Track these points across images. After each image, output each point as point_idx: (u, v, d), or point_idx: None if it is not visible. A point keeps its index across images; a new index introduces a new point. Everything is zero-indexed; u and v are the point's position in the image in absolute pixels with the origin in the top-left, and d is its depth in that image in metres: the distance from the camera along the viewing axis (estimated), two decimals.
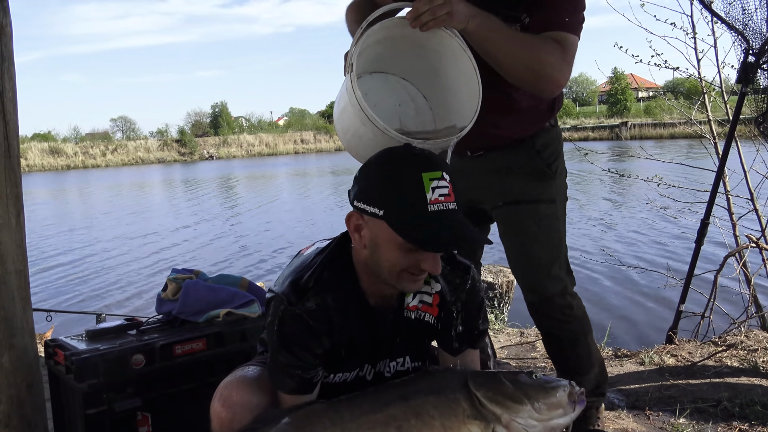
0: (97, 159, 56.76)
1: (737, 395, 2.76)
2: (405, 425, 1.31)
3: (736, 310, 4.33)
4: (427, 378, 1.48)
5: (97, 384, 1.95)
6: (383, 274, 1.42)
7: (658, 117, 43.97)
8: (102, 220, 16.91)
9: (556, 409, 1.38)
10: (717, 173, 3.73)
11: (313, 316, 1.43)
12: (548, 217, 2.20)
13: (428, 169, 1.35)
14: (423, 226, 1.32)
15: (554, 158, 2.21)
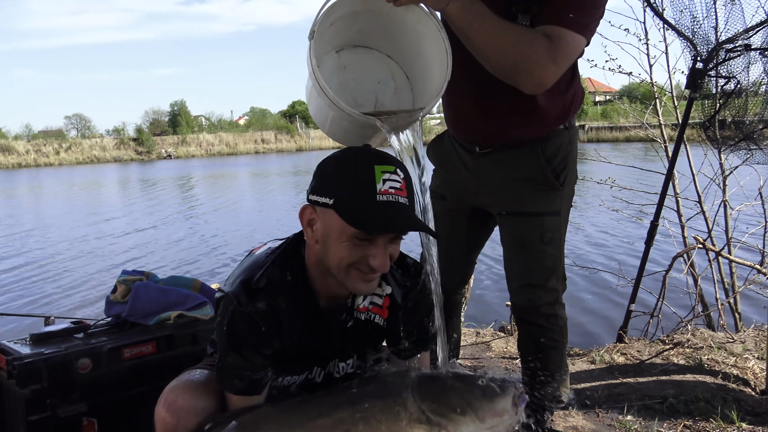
0: (51, 157, 55.26)
1: (683, 392, 2.84)
2: (352, 429, 1.31)
3: (684, 310, 4.45)
4: (374, 382, 1.48)
5: (40, 389, 1.90)
6: (333, 269, 1.41)
7: (614, 120, 45.00)
8: (54, 220, 16.44)
9: (500, 416, 1.39)
10: (666, 176, 3.83)
11: (263, 316, 1.42)
12: (552, 230, 2.19)
13: (381, 162, 1.36)
14: (369, 212, 1.32)
15: (563, 167, 2.16)
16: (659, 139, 5.07)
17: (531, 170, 2.15)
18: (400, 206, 1.35)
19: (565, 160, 2.17)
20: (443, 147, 2.39)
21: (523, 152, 2.15)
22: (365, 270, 1.39)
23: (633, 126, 6.04)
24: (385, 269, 1.40)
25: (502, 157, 2.19)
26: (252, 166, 40.60)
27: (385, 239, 1.38)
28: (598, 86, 58.34)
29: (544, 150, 2.14)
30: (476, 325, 4.62)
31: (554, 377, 2.34)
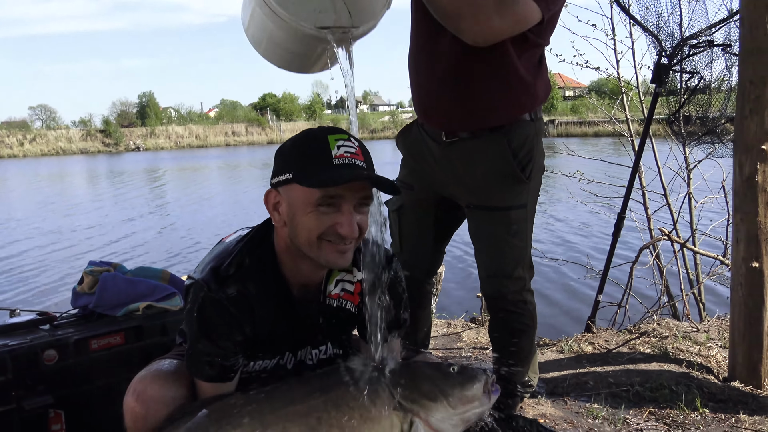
0: (14, 149, 54.04)
1: (648, 380, 2.90)
2: (325, 416, 1.31)
3: (650, 300, 4.55)
4: (347, 370, 1.49)
5: (4, 381, 1.86)
6: (304, 247, 1.41)
7: (583, 116, 45.53)
8: (19, 212, 16.08)
9: (471, 402, 1.42)
10: (632, 169, 3.90)
11: (233, 303, 1.42)
12: (518, 222, 2.23)
13: (334, 133, 1.39)
14: (328, 172, 1.34)
15: (529, 159, 2.19)
16: (626, 134, 5.16)
17: (497, 163, 2.18)
18: (358, 166, 1.37)
19: (530, 152, 2.20)
20: (411, 136, 2.40)
21: (489, 144, 2.18)
22: (335, 240, 1.39)
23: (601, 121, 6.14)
24: (353, 235, 1.39)
25: (468, 148, 2.21)
26: (223, 158, 40.20)
27: (350, 205, 1.38)
28: (568, 81, 59.02)
29: (510, 142, 2.16)
30: (447, 316, 4.66)
31: (524, 361, 2.38)
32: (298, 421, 1.30)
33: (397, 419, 1.35)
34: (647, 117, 3.83)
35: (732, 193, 2.95)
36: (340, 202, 1.37)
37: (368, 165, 1.40)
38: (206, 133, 65.19)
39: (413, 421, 1.36)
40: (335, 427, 1.30)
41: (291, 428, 1.29)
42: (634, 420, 2.56)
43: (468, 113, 2.15)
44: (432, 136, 2.30)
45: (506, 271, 2.27)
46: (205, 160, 38.06)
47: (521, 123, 2.19)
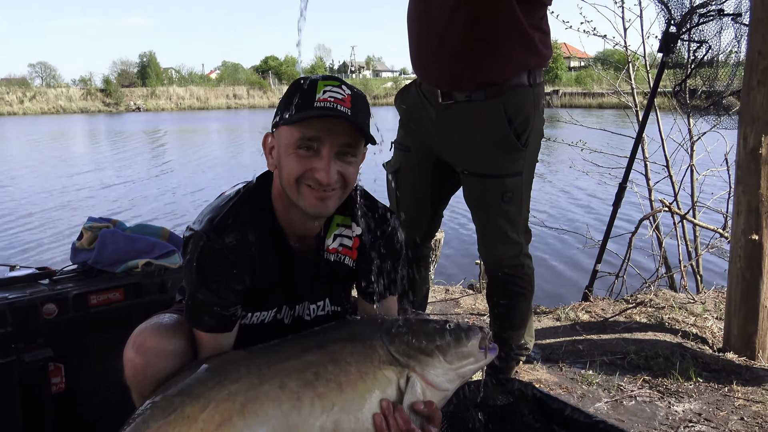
0: (14, 106, 53.69)
1: (643, 349, 2.93)
2: (322, 371, 1.32)
3: (648, 271, 4.56)
4: (344, 326, 1.51)
5: (4, 334, 1.86)
6: (287, 190, 1.41)
7: (588, 86, 45.15)
8: (19, 169, 16.05)
9: (467, 358, 1.43)
10: (636, 139, 3.88)
11: (232, 251, 1.41)
12: (513, 190, 2.22)
13: (326, 79, 1.38)
14: (305, 112, 1.34)
15: (525, 126, 2.17)
16: (631, 104, 5.11)
17: (493, 129, 2.17)
18: (339, 111, 1.35)
19: (527, 120, 2.18)
20: (410, 98, 2.39)
21: (485, 109, 2.16)
22: (314, 185, 1.38)
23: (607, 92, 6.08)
24: (328, 180, 1.37)
25: (464, 113, 2.20)
26: (224, 121, 39.96)
27: (329, 150, 1.37)
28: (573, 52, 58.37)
29: (506, 108, 2.15)
30: (446, 282, 4.68)
31: (520, 324, 2.40)
32: (295, 376, 1.31)
33: (394, 374, 1.36)
34: (653, 87, 3.79)
35: (735, 165, 2.94)
36: (319, 147, 1.37)
37: (355, 113, 1.37)
38: (207, 95, 64.71)
39: (409, 377, 1.37)
40: (332, 381, 1.31)
41: (288, 383, 1.29)
42: (628, 387, 2.59)
43: (465, 68, 2.12)
44: (429, 98, 2.28)
45: (502, 237, 2.28)
46: (206, 123, 37.84)
47: (519, 88, 2.17)
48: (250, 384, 1.28)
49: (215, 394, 1.28)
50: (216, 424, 1.24)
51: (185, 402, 1.27)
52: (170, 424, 1.25)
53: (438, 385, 1.38)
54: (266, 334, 1.55)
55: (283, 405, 1.26)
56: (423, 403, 1.34)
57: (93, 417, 2.10)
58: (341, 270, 1.59)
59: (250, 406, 1.26)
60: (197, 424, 1.24)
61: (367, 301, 1.64)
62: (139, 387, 1.45)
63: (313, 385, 1.29)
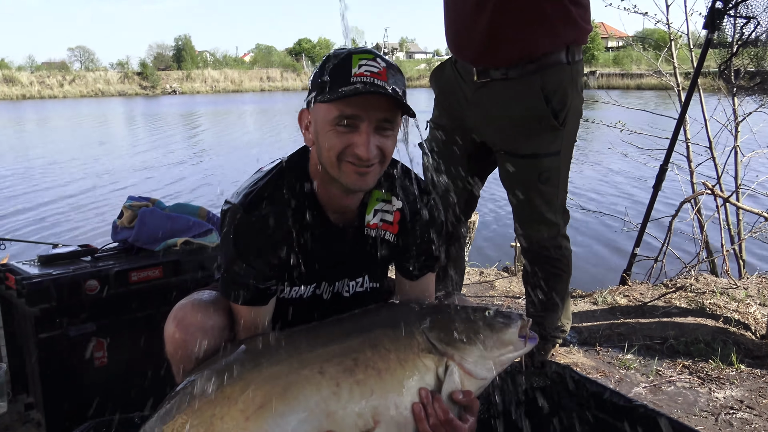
0: (54, 89, 54.85)
1: (683, 334, 2.87)
2: (361, 357, 1.31)
3: (688, 255, 4.46)
4: (384, 310, 1.49)
5: (49, 308, 1.92)
6: (327, 166, 1.40)
7: (626, 67, 44.18)
8: (61, 152, 16.42)
9: (506, 347, 1.41)
10: (678, 120, 3.77)
11: (268, 225, 1.42)
12: (550, 170, 2.19)
13: (360, 52, 1.36)
14: (343, 89, 1.32)
15: (563, 105, 2.13)
16: (673, 84, 4.97)
17: (529, 107, 2.13)
18: (377, 85, 1.33)
19: (565, 97, 2.14)
20: (445, 76, 2.35)
21: (522, 87, 2.12)
22: (353, 161, 1.37)
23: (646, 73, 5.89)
24: (368, 155, 1.36)
25: (500, 91, 2.16)
26: (258, 103, 40.22)
27: (368, 126, 1.35)
28: (611, 31, 57.07)
29: (543, 86, 2.10)
30: (480, 264, 4.65)
31: (557, 306, 2.38)
32: (335, 361, 1.30)
33: (432, 362, 1.35)
34: (697, 65, 3.68)
35: None
36: (357, 123, 1.35)
37: (392, 85, 1.35)
38: (241, 78, 65.18)
39: (448, 365, 1.35)
40: (371, 368, 1.30)
41: (328, 368, 1.29)
42: (667, 372, 2.54)
43: (501, 43, 2.08)
44: (464, 76, 2.25)
45: (538, 217, 2.25)
46: (240, 105, 38.15)
47: (556, 66, 2.12)
48: (291, 367, 1.29)
49: (255, 375, 1.28)
50: (256, 406, 1.24)
51: (226, 382, 1.28)
52: (211, 403, 1.26)
53: (476, 373, 1.37)
54: (304, 309, 1.56)
55: (323, 391, 1.26)
56: (461, 393, 1.33)
57: (134, 391, 2.15)
58: (382, 246, 1.58)
59: (290, 390, 1.26)
60: (237, 404, 1.25)
61: (406, 278, 1.63)
62: (179, 361, 1.47)
63: (352, 371, 1.29)
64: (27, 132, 23.28)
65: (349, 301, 1.63)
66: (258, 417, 1.23)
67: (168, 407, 1.30)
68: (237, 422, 1.23)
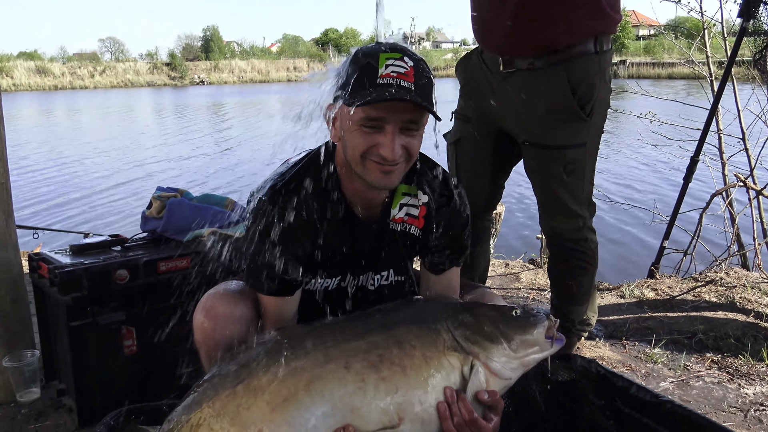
0: (85, 80, 55.69)
1: (713, 329, 2.83)
2: (386, 354, 1.31)
3: (719, 249, 4.38)
4: (409, 306, 1.49)
5: (80, 297, 1.96)
6: (352, 164, 1.41)
7: (657, 56, 43.37)
8: (92, 142, 16.69)
9: (532, 347, 1.40)
10: (711, 110, 3.70)
11: (294, 217, 1.43)
12: (575, 162, 2.17)
13: (388, 51, 1.35)
14: (369, 91, 1.31)
15: (590, 96, 2.10)
16: (705, 74, 4.87)
17: (555, 98, 2.10)
18: (402, 87, 1.32)
19: (592, 89, 2.10)
20: (470, 66, 2.34)
21: (548, 78, 2.09)
22: (378, 160, 1.37)
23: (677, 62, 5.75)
24: (394, 157, 1.36)
25: (526, 81, 2.13)
26: (285, 93, 40.41)
27: (394, 127, 1.35)
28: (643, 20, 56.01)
29: (569, 76, 2.07)
30: (505, 256, 4.63)
31: (583, 299, 2.35)
32: (360, 357, 1.30)
33: (458, 361, 1.35)
34: (731, 54, 3.59)
35: None
36: (382, 124, 1.35)
37: (418, 87, 1.34)
38: (268, 68, 65.46)
39: (473, 364, 1.35)
40: (396, 365, 1.30)
41: (353, 364, 1.29)
42: (695, 367, 2.51)
43: (525, 31, 2.05)
44: (490, 66, 2.23)
45: (563, 209, 2.23)
46: (267, 95, 38.37)
47: (583, 55, 2.08)
48: (316, 361, 1.29)
49: (281, 368, 1.29)
50: (282, 398, 1.25)
51: (252, 373, 1.29)
52: (237, 394, 1.27)
53: (501, 373, 1.36)
54: (330, 301, 1.57)
55: (348, 386, 1.27)
56: (486, 393, 1.33)
57: (162, 379, 2.18)
58: (407, 240, 1.58)
59: (316, 383, 1.26)
60: (263, 396, 1.26)
61: (431, 272, 1.63)
62: (207, 350, 1.50)
63: (377, 367, 1.29)
64: (59, 123, 23.68)
65: (373, 295, 1.63)
66: (283, 409, 1.24)
67: (194, 396, 1.32)
68: (263, 413, 1.24)
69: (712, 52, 4.89)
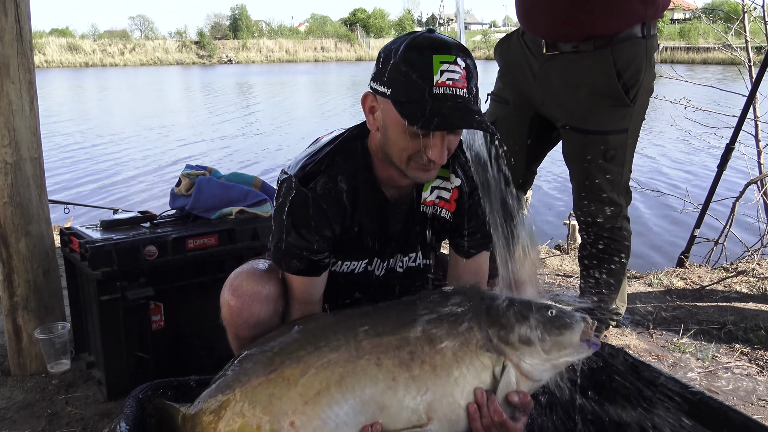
0: (115, 57, 56.22)
1: (743, 320, 2.78)
2: (418, 351, 1.30)
3: (752, 239, 4.29)
4: (441, 299, 1.46)
5: (110, 272, 1.98)
6: (394, 159, 1.40)
7: (692, 40, 42.38)
8: (121, 120, 16.88)
9: (565, 349, 1.37)
10: (748, 97, 3.61)
11: (323, 198, 1.42)
12: (616, 148, 2.13)
13: (442, 52, 1.29)
14: (423, 108, 1.27)
15: (635, 81, 2.05)
16: (743, 58, 4.74)
17: (600, 83, 2.05)
18: (457, 100, 1.29)
19: (637, 74, 2.05)
20: (511, 48, 2.29)
21: (593, 61, 2.04)
22: (424, 161, 1.36)
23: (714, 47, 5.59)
24: (442, 161, 1.36)
25: (570, 64, 2.09)
26: (312, 74, 40.39)
27: (443, 135, 1.34)
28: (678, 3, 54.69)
29: (615, 60, 2.02)
30: None
31: (613, 288, 2.32)
32: (391, 353, 1.29)
33: (489, 361, 1.33)
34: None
35: None
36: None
37: (470, 93, 1.32)
38: (296, 48, 65.39)
39: (505, 365, 1.33)
40: (427, 363, 1.29)
41: (385, 360, 1.28)
42: (724, 359, 2.47)
43: (573, 16, 2.00)
44: (532, 48, 2.18)
45: (600, 196, 2.19)
46: (295, 75, 38.40)
47: (630, 39, 2.03)
48: (349, 355, 1.29)
49: (315, 360, 1.29)
50: (315, 391, 1.25)
51: (285, 363, 1.29)
52: (271, 382, 1.27)
53: (532, 375, 1.35)
54: (357, 284, 1.57)
55: (380, 384, 1.27)
56: (516, 394, 1.32)
57: (189, 354, 2.22)
58: (438, 223, 1.57)
59: (347, 379, 1.26)
60: (297, 388, 1.26)
61: (460, 256, 1.62)
62: (234, 328, 1.51)
63: (408, 365, 1.28)
64: (90, 100, 23.99)
65: (401, 277, 1.63)
66: (315, 402, 1.24)
67: (226, 379, 1.33)
68: (295, 405, 1.25)
69: (752, 37, 4.76)
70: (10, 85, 2.08)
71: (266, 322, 1.50)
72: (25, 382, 2.22)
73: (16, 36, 2.07)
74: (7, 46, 2.06)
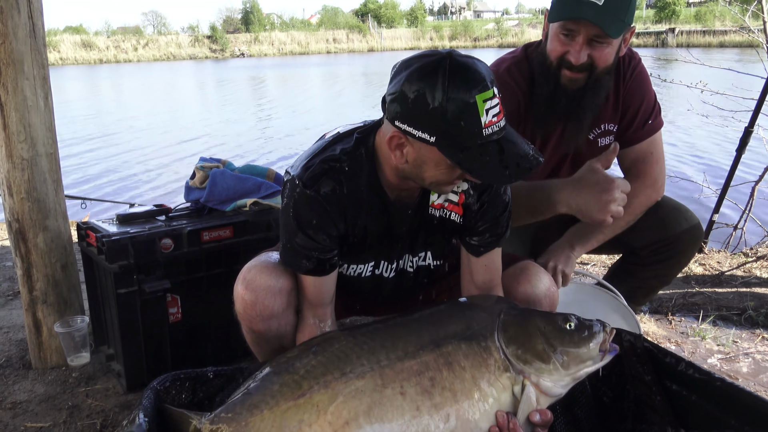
0: (129, 53, 56.58)
1: (763, 305, 2.74)
2: (437, 377, 1.30)
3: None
4: (457, 313, 1.45)
5: (127, 265, 2.00)
6: (421, 183, 1.41)
7: (708, 24, 41.77)
8: (135, 114, 16.98)
9: (585, 362, 1.37)
10: (767, 79, 3.54)
11: (326, 199, 1.42)
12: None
13: (481, 88, 1.23)
14: (476, 153, 1.26)
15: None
16: (761, 40, 4.65)
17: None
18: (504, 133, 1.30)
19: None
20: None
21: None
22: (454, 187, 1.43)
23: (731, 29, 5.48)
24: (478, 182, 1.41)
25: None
26: (325, 66, 40.36)
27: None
28: None
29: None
30: None
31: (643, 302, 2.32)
32: (413, 381, 1.30)
33: (509, 381, 1.33)
34: None
35: None
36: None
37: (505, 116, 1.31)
38: (308, 40, 65.37)
39: (524, 385, 1.33)
40: (447, 390, 1.29)
41: (408, 389, 1.29)
42: (744, 345, 2.44)
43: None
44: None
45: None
46: (307, 67, 38.40)
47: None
48: (375, 384, 1.29)
49: (342, 386, 1.28)
50: (344, 421, 1.25)
51: (313, 388, 1.28)
52: (300, 408, 1.26)
53: (551, 392, 1.35)
54: (367, 287, 1.56)
55: (405, 414, 1.27)
56: (537, 413, 1.32)
57: (206, 346, 2.23)
58: (446, 226, 1.57)
59: (375, 409, 1.27)
60: (326, 416, 1.25)
61: (471, 253, 1.61)
62: (248, 321, 1.51)
63: (429, 393, 1.29)
64: (105, 96, 24.16)
65: (412, 277, 1.63)
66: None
67: (251, 398, 1.30)
68: None
69: None
70: (24, 81, 2.09)
71: (279, 315, 1.51)
72: (46, 375, 2.25)
73: (29, 32, 2.08)
74: (21, 42, 2.07)
